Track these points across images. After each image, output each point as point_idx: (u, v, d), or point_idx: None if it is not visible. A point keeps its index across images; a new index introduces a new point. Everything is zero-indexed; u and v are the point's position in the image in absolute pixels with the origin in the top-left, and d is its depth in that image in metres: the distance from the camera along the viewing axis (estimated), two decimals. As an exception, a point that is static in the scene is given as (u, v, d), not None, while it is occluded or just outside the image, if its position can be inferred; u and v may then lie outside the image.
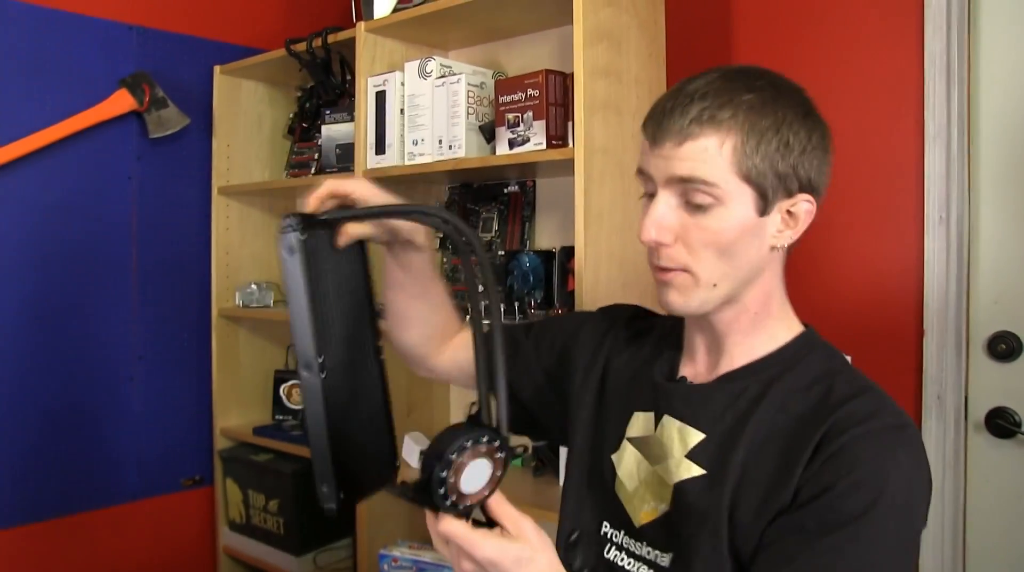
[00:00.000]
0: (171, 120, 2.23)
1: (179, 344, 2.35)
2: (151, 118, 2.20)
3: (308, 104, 2.36)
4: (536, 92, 1.71)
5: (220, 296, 2.40)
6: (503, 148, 1.75)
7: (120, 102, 2.15)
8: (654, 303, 1.76)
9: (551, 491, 1.74)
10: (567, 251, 1.81)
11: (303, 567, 2.21)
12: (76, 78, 2.11)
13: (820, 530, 0.77)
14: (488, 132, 1.83)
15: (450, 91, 1.84)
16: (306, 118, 2.39)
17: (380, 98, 1.96)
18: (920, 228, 1.58)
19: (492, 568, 0.73)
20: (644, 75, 1.71)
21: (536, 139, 1.71)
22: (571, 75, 1.63)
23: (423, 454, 0.74)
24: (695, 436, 0.88)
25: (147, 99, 2.17)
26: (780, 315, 0.91)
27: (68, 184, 2.12)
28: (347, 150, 2.11)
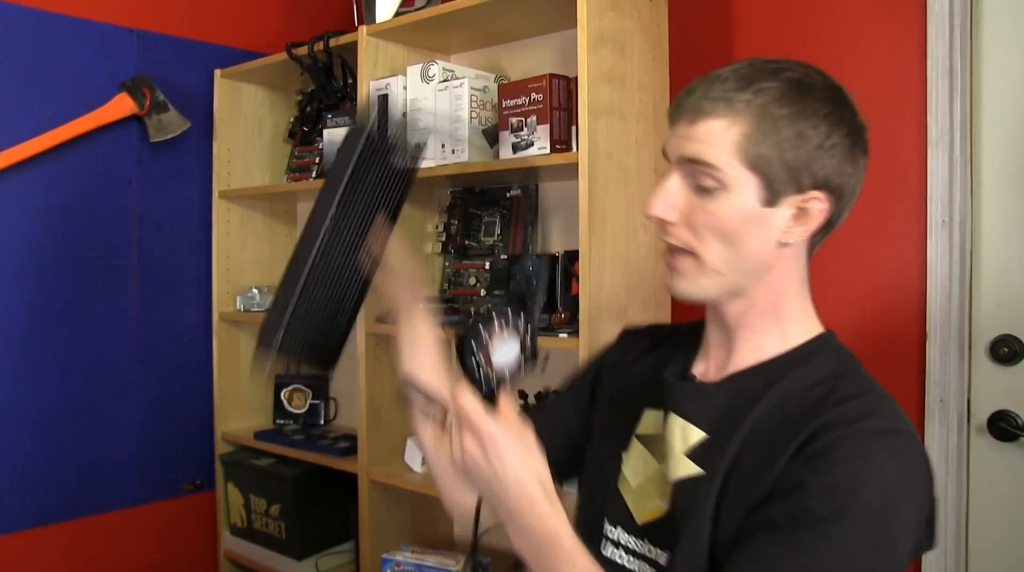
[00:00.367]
0: (172, 124, 2.23)
1: (180, 348, 2.35)
2: (152, 122, 2.20)
3: (309, 108, 2.36)
4: (540, 96, 1.71)
5: (221, 300, 2.40)
6: (507, 152, 1.76)
7: (121, 106, 2.15)
8: (657, 307, 1.78)
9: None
10: (571, 255, 1.81)
11: (305, 572, 2.21)
12: (77, 82, 2.11)
13: (789, 527, 0.75)
14: (491, 136, 1.83)
15: (453, 95, 1.84)
16: (307, 122, 2.39)
17: (382, 102, 1.96)
18: (923, 232, 1.58)
19: (491, 445, 0.75)
20: (647, 79, 1.71)
21: (540, 143, 1.71)
22: (575, 79, 1.63)
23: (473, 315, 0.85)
24: (696, 435, 0.87)
25: (148, 103, 2.17)
26: (795, 316, 0.90)
27: (69, 188, 2.11)
28: (348, 154, 2.10)
